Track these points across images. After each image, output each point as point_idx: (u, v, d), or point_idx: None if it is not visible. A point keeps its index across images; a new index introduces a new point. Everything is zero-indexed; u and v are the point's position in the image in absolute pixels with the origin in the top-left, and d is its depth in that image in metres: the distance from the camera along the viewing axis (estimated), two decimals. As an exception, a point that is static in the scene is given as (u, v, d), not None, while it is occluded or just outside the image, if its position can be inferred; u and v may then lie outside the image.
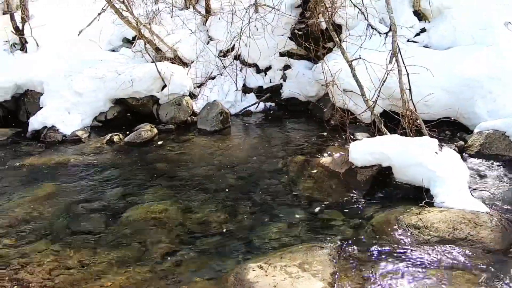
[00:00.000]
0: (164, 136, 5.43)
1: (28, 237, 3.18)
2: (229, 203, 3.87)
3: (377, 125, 4.41)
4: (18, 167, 4.60)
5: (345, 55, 4.81)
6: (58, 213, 3.58)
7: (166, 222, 3.52)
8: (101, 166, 4.60)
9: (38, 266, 2.78)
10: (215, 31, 6.98)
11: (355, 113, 5.00)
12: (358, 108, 5.06)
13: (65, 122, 5.41)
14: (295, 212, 3.70)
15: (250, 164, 4.61)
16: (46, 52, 7.06)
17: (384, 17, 6.01)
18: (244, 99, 6.32)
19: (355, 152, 4.08)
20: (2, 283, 2.55)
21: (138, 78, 5.73)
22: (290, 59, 6.47)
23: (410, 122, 4.24)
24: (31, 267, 2.76)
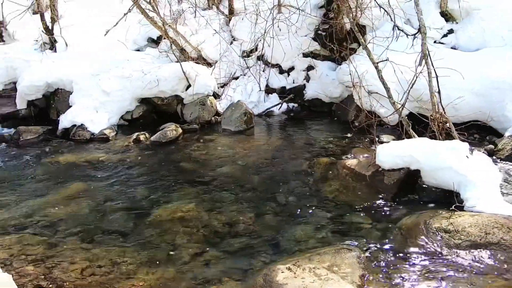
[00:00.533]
0: (189, 135, 5.43)
1: (61, 235, 3.20)
2: (254, 203, 3.83)
3: (405, 128, 4.29)
4: (49, 164, 4.65)
5: (371, 57, 4.70)
6: (88, 211, 3.60)
7: (193, 222, 3.50)
8: (128, 165, 4.62)
9: (71, 264, 2.79)
10: (238, 32, 6.97)
11: (380, 115, 4.89)
12: (383, 110, 4.96)
13: (93, 121, 5.46)
14: (321, 214, 3.63)
15: (275, 165, 4.56)
16: (74, 51, 7.18)
17: (410, 18, 5.87)
18: (267, 99, 6.29)
19: (383, 155, 3.98)
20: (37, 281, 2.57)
21: (164, 78, 5.74)
22: (314, 60, 6.39)
23: (440, 125, 4.11)
24: (65, 265, 2.78)
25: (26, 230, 3.24)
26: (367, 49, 4.79)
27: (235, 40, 6.99)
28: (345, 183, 4.13)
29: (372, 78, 5.07)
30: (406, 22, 5.95)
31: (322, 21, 6.33)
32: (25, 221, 3.37)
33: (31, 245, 3.01)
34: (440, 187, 3.76)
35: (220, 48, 6.59)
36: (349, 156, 4.56)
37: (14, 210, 3.58)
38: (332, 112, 6.07)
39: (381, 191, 3.88)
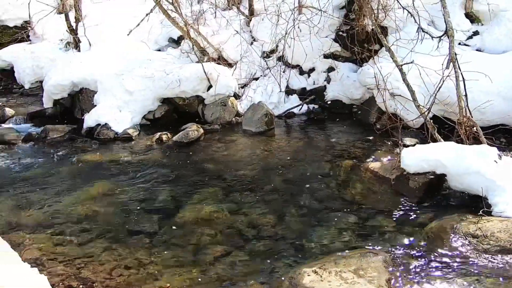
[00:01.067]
0: (210, 136, 5.41)
1: (89, 235, 3.21)
2: (277, 206, 3.79)
3: (430, 131, 4.19)
4: (76, 163, 4.69)
5: (395, 59, 4.61)
6: (114, 211, 3.60)
7: (217, 223, 3.48)
8: (152, 165, 4.62)
9: (100, 265, 2.79)
10: (259, 32, 6.91)
11: (403, 118, 4.78)
12: (407, 112, 4.85)
13: (117, 120, 5.48)
14: (344, 217, 3.57)
15: (296, 167, 4.50)
16: (98, 51, 7.23)
17: (434, 19, 5.72)
18: (287, 100, 6.21)
19: (408, 159, 3.91)
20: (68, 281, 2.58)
21: (185, 78, 5.73)
22: (335, 61, 6.28)
23: (467, 130, 4.00)
24: (94, 265, 2.78)
25: (56, 229, 3.26)
26: (391, 51, 4.69)
27: (255, 40, 6.93)
28: (368, 186, 4.07)
29: (394, 80, 4.97)
30: (429, 23, 5.81)
31: (344, 22, 6.23)
32: (54, 220, 3.40)
33: (61, 244, 3.03)
34: (466, 192, 3.68)
35: (241, 49, 6.54)
36: (372, 159, 4.46)
37: (44, 209, 3.62)
38: (353, 114, 5.96)
39: (406, 194, 3.81)
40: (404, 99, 4.88)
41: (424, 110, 4.25)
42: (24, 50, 8.68)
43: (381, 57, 5.77)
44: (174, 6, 6.11)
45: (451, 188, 3.76)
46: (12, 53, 8.74)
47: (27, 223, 3.37)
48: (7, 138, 5.30)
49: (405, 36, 5.35)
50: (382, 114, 5.35)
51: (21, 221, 3.41)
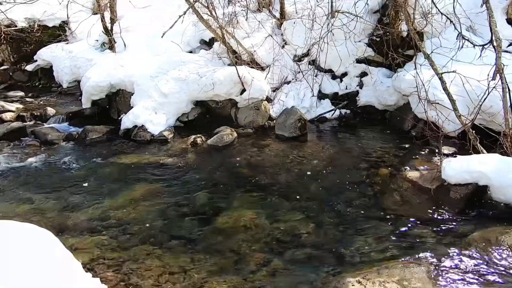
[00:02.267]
0: (244, 140, 5.34)
1: (133, 239, 3.19)
2: (313, 213, 3.70)
3: (472, 142, 4.00)
4: (115, 165, 4.69)
5: (435, 67, 4.41)
6: (154, 215, 3.57)
7: (255, 230, 3.41)
8: (188, 168, 4.58)
9: (146, 271, 2.77)
10: (290, 36, 6.76)
11: (441, 126, 4.59)
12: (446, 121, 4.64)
13: (153, 122, 5.47)
14: (382, 226, 3.47)
15: (332, 174, 4.39)
16: (133, 52, 7.26)
17: (472, 25, 5.47)
18: (319, 105, 6.08)
19: (450, 170, 3.76)
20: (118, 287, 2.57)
21: (219, 82, 5.68)
22: (368, 66, 6.11)
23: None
24: (141, 271, 2.76)
25: (101, 233, 3.26)
26: (430, 58, 4.49)
27: (287, 44, 6.81)
28: (407, 195, 3.94)
29: (432, 88, 4.78)
30: (468, 29, 5.55)
31: (378, 27, 6.03)
32: (99, 224, 3.40)
33: (108, 249, 3.02)
34: (509, 203, 3.52)
35: (273, 52, 6.43)
36: (409, 168, 4.31)
37: (88, 212, 3.62)
38: (386, 120, 5.78)
39: (446, 205, 3.68)
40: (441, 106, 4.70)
41: (466, 120, 4.05)
42: (62, 50, 8.83)
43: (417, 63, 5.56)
44: (209, 10, 6.04)
45: (494, 200, 3.60)
46: (51, 52, 8.91)
47: (74, 226, 3.38)
48: (49, 138, 5.36)
49: (443, 42, 5.14)
50: (418, 121, 5.18)
51: (68, 224, 3.41)
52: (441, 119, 4.48)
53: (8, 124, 5.68)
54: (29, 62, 9.30)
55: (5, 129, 5.47)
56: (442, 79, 4.27)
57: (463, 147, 4.45)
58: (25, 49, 9.38)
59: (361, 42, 6.15)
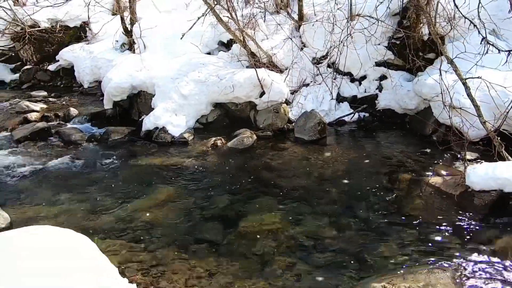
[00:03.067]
0: (263, 143, 5.32)
1: (160, 242, 3.20)
2: (335, 218, 3.67)
3: (497, 149, 3.91)
4: (138, 167, 4.71)
5: (458, 72, 4.31)
6: (178, 219, 3.58)
7: (278, 234, 3.40)
8: (209, 171, 4.59)
9: (174, 274, 2.77)
10: (309, 38, 6.72)
11: (464, 132, 4.50)
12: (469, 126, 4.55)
13: (173, 124, 5.49)
14: (405, 231, 3.43)
15: (352, 179, 4.34)
16: (152, 53, 7.30)
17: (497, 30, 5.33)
18: (337, 108, 6.03)
19: (474, 176, 3.71)
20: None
21: (239, 84, 5.67)
22: (387, 69, 6.03)
23: (539, 149, 3.70)
24: (169, 275, 2.77)
25: (129, 235, 3.28)
26: (453, 63, 4.39)
27: (305, 46, 6.77)
28: (430, 201, 3.88)
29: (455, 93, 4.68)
30: (491, 32, 5.42)
31: (398, 30, 5.93)
32: (125, 227, 3.42)
33: (136, 252, 3.03)
34: (535, 212, 3.49)
35: (292, 55, 6.39)
36: (432, 174, 4.25)
37: (115, 214, 3.64)
38: (406, 124, 5.70)
39: (470, 211, 3.63)
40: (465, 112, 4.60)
41: (491, 127, 3.96)
42: (83, 50, 8.95)
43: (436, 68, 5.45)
44: (229, 12, 6.03)
45: (519, 206, 3.54)
46: (72, 53, 9.03)
47: (101, 228, 3.40)
48: (73, 139, 5.44)
49: (467, 47, 5.02)
50: (439, 126, 5.09)
51: (95, 226, 3.44)
52: (465, 125, 4.37)
53: (33, 124, 5.78)
54: (51, 62, 9.45)
55: (31, 129, 5.57)
56: (466, 85, 4.18)
57: (487, 152, 4.38)
58: (47, 49, 9.54)
59: (381, 45, 6.06)
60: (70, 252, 1.75)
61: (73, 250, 1.77)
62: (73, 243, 1.83)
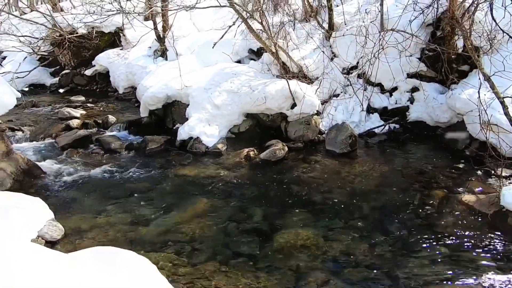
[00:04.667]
0: (294, 154, 5.42)
1: (200, 256, 3.35)
2: (367, 233, 3.75)
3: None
4: (174, 177, 4.89)
5: (496, 90, 4.28)
6: (217, 231, 3.73)
7: (312, 249, 3.50)
8: (244, 183, 4.72)
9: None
10: (339, 48, 6.77)
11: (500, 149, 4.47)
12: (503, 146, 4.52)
13: (207, 134, 5.66)
14: (436, 249, 3.48)
15: (384, 194, 4.40)
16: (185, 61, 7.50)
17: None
18: (368, 119, 6.07)
19: (510, 197, 3.70)
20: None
21: (271, 96, 5.79)
22: (419, 81, 6.01)
23: None
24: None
25: (171, 248, 3.43)
26: (490, 80, 4.37)
27: (335, 56, 6.82)
28: (462, 219, 3.91)
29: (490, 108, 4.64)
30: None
31: (431, 41, 5.90)
32: (168, 239, 3.58)
33: (179, 265, 3.19)
34: None
35: (323, 66, 6.46)
36: (465, 191, 4.26)
37: (156, 226, 3.81)
38: (438, 137, 5.67)
39: (504, 231, 3.64)
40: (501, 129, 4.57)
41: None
42: (117, 56, 9.32)
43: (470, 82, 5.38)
44: (262, 25, 6.15)
45: (555, 228, 3.53)
46: (107, 58, 9.43)
47: (143, 240, 3.57)
48: (112, 147, 5.70)
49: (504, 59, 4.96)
50: (473, 141, 5.06)
51: (137, 237, 3.61)
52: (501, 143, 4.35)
53: (75, 132, 6.11)
54: (88, 67, 9.91)
55: (74, 137, 5.89)
56: (504, 104, 4.16)
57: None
58: (84, 55, 9.99)
59: (413, 57, 6.04)
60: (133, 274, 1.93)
61: (137, 272, 1.95)
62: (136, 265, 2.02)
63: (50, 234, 3.30)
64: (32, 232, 3.21)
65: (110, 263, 1.98)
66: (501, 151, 4.47)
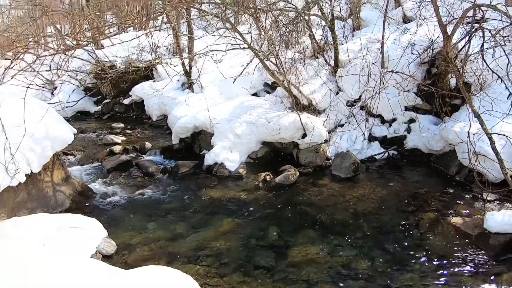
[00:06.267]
0: (305, 179, 5.77)
1: (227, 268, 3.72)
2: (367, 250, 4.07)
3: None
4: (203, 198, 5.27)
5: (484, 127, 4.56)
6: (240, 246, 4.09)
7: (320, 263, 3.84)
8: (261, 204, 5.08)
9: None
10: (344, 83, 7.15)
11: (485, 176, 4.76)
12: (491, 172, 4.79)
13: (230, 159, 6.09)
14: (426, 265, 3.79)
15: (382, 215, 4.71)
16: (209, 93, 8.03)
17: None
18: (369, 146, 6.40)
19: (492, 221, 4.02)
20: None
21: (284, 127, 6.21)
22: (416, 114, 6.35)
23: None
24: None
25: (202, 261, 3.82)
26: (480, 118, 4.62)
27: (340, 90, 7.22)
28: (450, 239, 4.19)
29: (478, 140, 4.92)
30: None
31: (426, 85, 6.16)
32: (200, 254, 3.96)
33: (209, 276, 3.57)
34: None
35: (330, 100, 6.86)
36: (453, 214, 4.55)
37: (187, 241, 4.19)
38: (431, 163, 5.95)
39: (485, 250, 3.93)
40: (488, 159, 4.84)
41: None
42: (150, 87, 9.96)
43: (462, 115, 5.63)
44: (277, 66, 6.63)
45: (529, 246, 3.80)
46: (142, 89, 10.07)
47: (180, 253, 3.95)
48: (150, 170, 6.17)
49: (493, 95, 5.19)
50: (462, 168, 5.34)
51: (174, 251, 4.00)
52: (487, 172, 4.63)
53: (118, 157, 6.66)
54: (126, 97, 10.61)
55: (117, 161, 6.43)
56: (491, 139, 4.42)
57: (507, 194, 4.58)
58: (122, 86, 10.71)
59: (410, 92, 6.38)
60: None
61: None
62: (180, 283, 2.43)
63: (106, 250, 3.77)
64: (92, 248, 3.68)
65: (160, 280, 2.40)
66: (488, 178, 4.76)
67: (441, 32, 5.83)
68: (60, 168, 5.09)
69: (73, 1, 15.74)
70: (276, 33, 7.25)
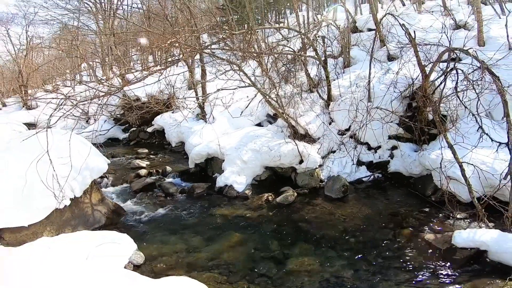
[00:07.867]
0: (301, 199, 6.13)
1: (235, 276, 4.10)
2: (353, 261, 4.41)
3: (481, 217, 4.51)
4: (214, 215, 5.67)
5: (456, 156, 4.88)
6: (246, 258, 4.46)
7: (313, 272, 4.19)
8: (264, 221, 5.45)
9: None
10: (335, 115, 7.64)
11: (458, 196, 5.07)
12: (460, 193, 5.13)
13: (237, 182, 6.53)
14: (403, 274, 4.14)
15: (367, 231, 5.05)
16: (219, 124, 8.61)
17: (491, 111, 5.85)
18: (357, 170, 6.79)
19: (459, 238, 4.34)
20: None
21: (284, 154, 6.66)
22: (397, 142, 6.74)
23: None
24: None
25: (214, 270, 4.20)
26: (453, 148, 4.94)
27: (333, 121, 7.70)
28: (423, 253, 4.52)
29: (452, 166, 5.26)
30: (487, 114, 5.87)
31: (408, 111, 6.63)
32: (213, 264, 4.34)
33: (221, 283, 3.95)
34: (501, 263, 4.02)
35: (324, 130, 7.33)
36: (427, 230, 4.88)
37: (202, 253, 4.57)
38: (411, 185, 6.29)
39: (452, 262, 4.25)
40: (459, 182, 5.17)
41: (479, 206, 4.55)
42: (170, 118, 10.60)
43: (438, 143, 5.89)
44: (278, 103, 7.17)
45: (489, 259, 4.13)
46: (162, 120, 10.70)
47: (196, 264, 4.34)
48: (170, 191, 6.63)
49: (464, 129, 5.56)
50: (437, 190, 5.67)
51: (192, 262, 4.38)
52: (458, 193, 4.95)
53: (144, 179, 7.17)
54: (148, 125, 11.25)
55: (143, 183, 6.94)
56: (462, 167, 4.74)
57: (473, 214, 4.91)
58: (145, 116, 11.34)
59: (393, 123, 6.80)
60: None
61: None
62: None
63: (136, 261, 4.22)
64: (125, 259, 4.13)
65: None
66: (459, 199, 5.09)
67: (420, 71, 6.22)
68: (97, 191, 5.62)
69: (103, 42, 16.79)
70: (276, 73, 7.83)
